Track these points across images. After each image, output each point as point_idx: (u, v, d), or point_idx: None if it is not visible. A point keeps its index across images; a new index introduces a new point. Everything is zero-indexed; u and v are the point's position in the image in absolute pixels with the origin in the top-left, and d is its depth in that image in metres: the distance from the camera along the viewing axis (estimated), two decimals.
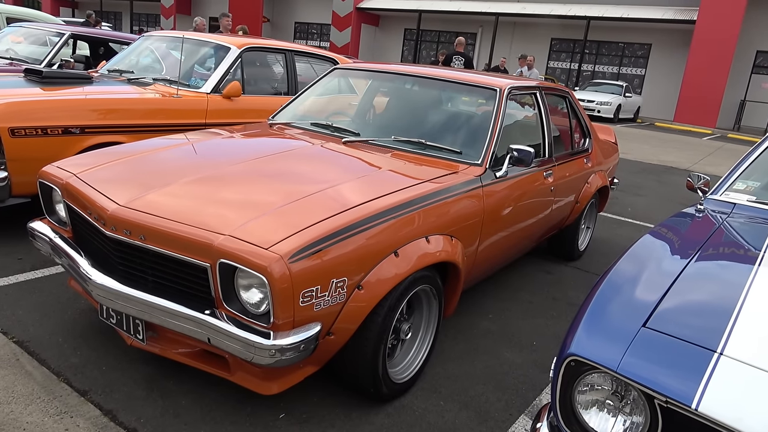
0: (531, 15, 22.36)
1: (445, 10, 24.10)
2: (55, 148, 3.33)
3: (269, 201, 2.07)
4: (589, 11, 21.19)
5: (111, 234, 2.01)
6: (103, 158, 2.51)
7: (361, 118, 3.43)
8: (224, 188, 2.20)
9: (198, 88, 4.18)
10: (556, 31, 23.51)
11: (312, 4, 28.20)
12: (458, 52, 11.19)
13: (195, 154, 2.66)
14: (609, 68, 23.06)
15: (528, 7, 22.62)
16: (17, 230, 3.65)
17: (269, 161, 2.53)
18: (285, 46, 4.88)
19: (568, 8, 21.64)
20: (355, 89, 3.83)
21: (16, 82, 3.79)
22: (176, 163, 2.51)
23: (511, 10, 22.75)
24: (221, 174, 2.33)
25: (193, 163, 2.50)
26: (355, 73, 3.63)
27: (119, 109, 3.63)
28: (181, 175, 2.28)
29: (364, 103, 3.53)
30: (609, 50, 22.98)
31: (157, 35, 5.06)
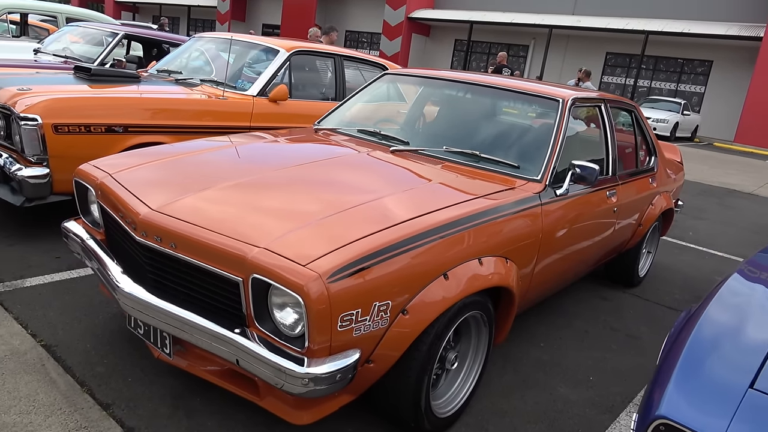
0: (586, 28, 21.76)
1: (498, 21, 23.76)
2: (97, 146, 3.28)
3: (310, 211, 1.90)
4: (647, 25, 20.47)
5: (141, 240, 1.88)
6: (141, 159, 2.41)
7: (410, 126, 3.24)
8: (263, 195, 2.05)
9: (244, 91, 4.09)
10: (611, 44, 22.82)
11: (363, 12, 28.35)
12: (504, 65, 11.88)
13: (236, 157, 2.53)
14: (666, 84, 22.21)
15: (583, 19, 22.04)
16: (57, 227, 3.61)
17: (312, 168, 2.38)
18: (334, 51, 4.76)
19: (626, 22, 20.97)
20: (404, 96, 3.64)
21: (64, 79, 3.79)
22: (215, 166, 2.38)
23: (566, 23, 22.20)
24: (261, 180, 2.18)
25: (233, 168, 2.37)
26: (406, 79, 3.45)
27: (164, 109, 3.57)
28: (219, 180, 2.15)
29: (413, 111, 3.34)
30: (667, 66, 22.14)
31: (208, 36, 5.03)
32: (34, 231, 3.53)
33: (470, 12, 24.63)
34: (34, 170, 3.10)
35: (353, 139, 2.93)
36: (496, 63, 12.90)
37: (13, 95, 3.18)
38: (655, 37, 20.43)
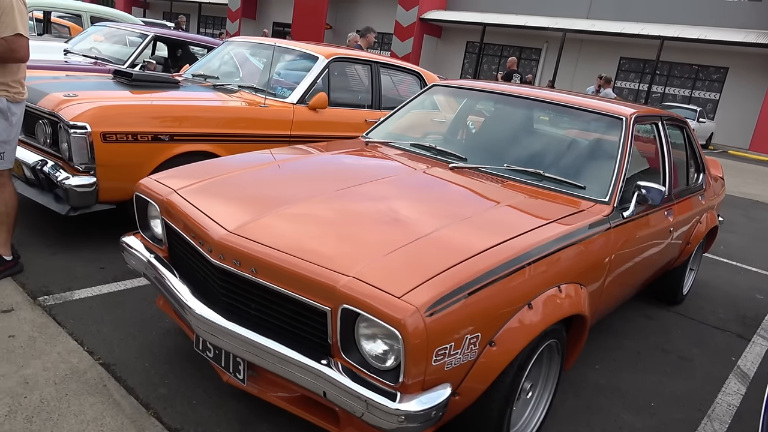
0: (601, 32, 21.64)
1: (511, 24, 23.65)
2: (143, 155, 3.24)
3: (389, 237, 1.85)
4: (663, 31, 20.34)
5: (217, 263, 1.83)
6: (203, 173, 2.36)
7: (463, 140, 3.18)
8: (337, 217, 2.00)
9: (284, 98, 4.04)
10: (625, 49, 22.71)
11: (375, 12, 28.27)
12: (514, 70, 12.12)
13: (298, 173, 2.48)
14: (680, 91, 22.09)
15: (597, 24, 21.94)
16: (99, 236, 3.58)
17: (378, 187, 2.32)
18: (371, 58, 4.71)
19: (641, 27, 20.85)
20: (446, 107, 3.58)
21: (105, 84, 3.74)
22: (281, 182, 2.33)
23: (580, 27, 22.08)
24: (331, 199, 2.13)
25: (298, 184, 2.31)
26: (456, 92, 3.39)
27: (208, 117, 3.52)
28: (288, 198, 2.10)
29: (464, 125, 3.28)
30: (681, 72, 22.01)
31: (241, 41, 4.98)
32: (76, 239, 3.49)
33: (483, 14, 24.54)
34: (81, 179, 3.05)
35: (407, 153, 2.88)
36: (506, 68, 13.00)
37: (60, 102, 3.14)
38: (670, 42, 20.31)
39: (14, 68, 2.80)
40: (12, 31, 2.68)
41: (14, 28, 2.68)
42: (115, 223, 3.62)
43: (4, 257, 2.90)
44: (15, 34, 2.69)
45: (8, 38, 2.68)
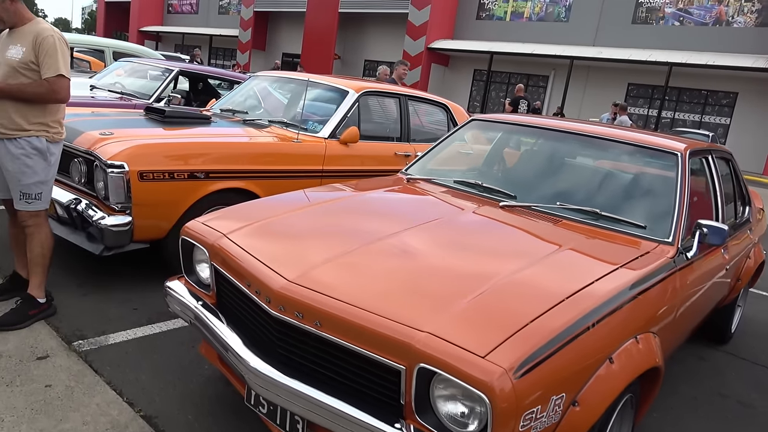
0: (608, 59, 21.77)
1: (518, 52, 23.89)
2: (179, 193, 3.17)
3: (457, 286, 1.76)
4: (671, 57, 20.46)
5: (277, 314, 1.74)
6: (251, 216, 2.28)
7: (509, 176, 3.09)
8: (399, 264, 1.90)
9: (315, 133, 3.99)
10: (633, 76, 22.79)
11: (382, 42, 28.66)
12: (521, 96, 12.35)
13: (349, 215, 2.39)
14: (690, 116, 22.08)
15: (604, 51, 22.08)
16: (131, 276, 3.49)
17: (432, 230, 2.23)
18: (400, 91, 4.67)
19: (648, 53, 20.99)
20: (486, 142, 3.51)
21: (139, 121, 3.71)
22: (333, 226, 2.24)
23: (587, 54, 22.25)
24: (388, 245, 2.03)
25: (352, 228, 2.23)
26: (497, 127, 3.32)
27: (242, 154, 3.47)
28: (345, 244, 2.01)
29: (507, 160, 3.20)
30: (690, 98, 22.04)
31: (267, 75, 4.97)
32: (107, 279, 3.41)
33: (490, 43, 24.79)
34: (117, 219, 2.98)
35: (452, 191, 2.79)
36: (510, 98, 13.23)
37: (96, 140, 3.09)
38: (678, 68, 20.38)
39: (54, 108, 2.77)
40: (54, 72, 2.64)
41: (57, 69, 2.65)
42: (146, 262, 3.55)
43: (38, 300, 2.82)
44: (57, 75, 2.65)
45: (50, 79, 2.64)
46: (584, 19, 23.11)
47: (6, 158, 2.71)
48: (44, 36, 2.66)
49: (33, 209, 2.76)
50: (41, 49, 2.65)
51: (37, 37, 2.66)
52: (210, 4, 35.91)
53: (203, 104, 6.56)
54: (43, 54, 2.64)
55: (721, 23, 20.82)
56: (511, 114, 11.96)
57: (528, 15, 24.93)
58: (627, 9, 22.34)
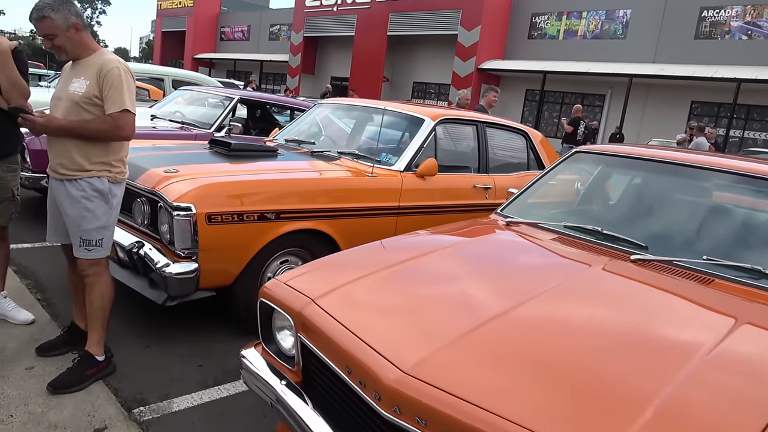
0: (669, 77, 20.83)
1: (573, 71, 23.20)
2: (249, 236, 2.87)
3: (633, 386, 1.34)
4: (738, 73, 19.36)
5: (390, 417, 1.36)
6: (340, 273, 1.93)
7: (632, 221, 2.62)
8: (546, 352, 1.48)
9: (390, 166, 3.65)
10: (697, 93, 21.72)
11: (431, 64, 28.49)
12: (579, 117, 12.29)
13: (456, 273, 2.01)
14: (762, 135, 20.81)
15: (666, 68, 21.15)
16: (194, 326, 3.21)
17: (564, 297, 1.81)
18: (477, 117, 4.30)
19: (714, 70, 19.94)
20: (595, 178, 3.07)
21: (203, 156, 3.46)
22: (440, 288, 1.86)
23: (647, 71, 21.36)
24: (522, 320, 1.63)
25: (464, 293, 1.84)
26: (608, 160, 2.88)
27: (315, 191, 3.15)
28: (463, 316, 1.62)
29: (627, 200, 2.75)
30: (762, 115, 20.79)
31: (333, 103, 4.69)
32: (169, 329, 3.13)
33: (543, 62, 24.21)
34: (182, 266, 2.70)
35: (565, 239, 2.37)
36: (570, 116, 12.73)
37: (160, 179, 2.84)
38: (747, 84, 19.26)
39: (117, 146, 2.52)
40: (119, 107, 2.40)
41: (122, 103, 2.40)
42: (210, 310, 3.27)
43: (97, 357, 2.54)
44: (122, 110, 2.40)
45: (115, 115, 2.40)
46: (643, 35, 22.27)
47: (65, 201, 2.47)
48: (109, 68, 2.42)
49: (93, 257, 2.50)
50: (106, 82, 2.41)
51: (102, 69, 2.42)
52: (261, 30, 36.78)
53: (262, 132, 6.38)
54: (108, 87, 2.41)
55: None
56: (566, 133, 11.12)
57: (582, 33, 24.26)
58: (689, 24, 21.38)
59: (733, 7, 20.66)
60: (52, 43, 2.43)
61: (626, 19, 23.00)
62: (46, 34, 2.40)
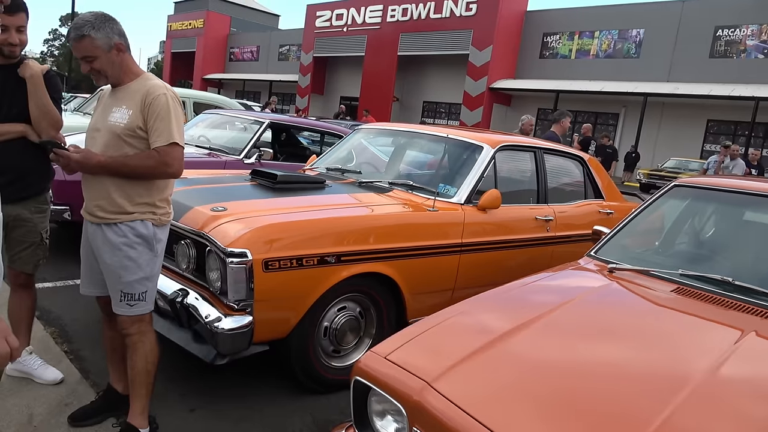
0: (686, 95, 20.57)
1: (586, 90, 22.98)
2: (308, 283, 2.54)
3: None
4: (756, 91, 19.09)
5: None
6: (450, 345, 1.59)
7: (757, 267, 2.28)
8: None
9: (449, 198, 3.32)
10: (713, 111, 21.45)
11: (442, 84, 28.38)
12: (590, 136, 12.17)
13: (579, 342, 1.67)
14: None
15: (681, 86, 20.90)
16: (242, 381, 2.85)
17: (732, 381, 1.47)
18: (536, 144, 3.98)
19: (731, 88, 19.68)
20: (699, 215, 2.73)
21: (248, 190, 3.14)
22: (580, 364, 1.52)
23: (662, 90, 21.12)
24: (684, 413, 1.29)
25: (596, 368, 1.49)
26: (713, 196, 2.53)
27: (377, 229, 2.82)
28: (614, 406, 1.28)
29: (747, 241, 2.40)
30: None
31: (374, 127, 4.39)
32: (215, 387, 2.78)
33: (555, 81, 24.04)
34: (236, 320, 2.36)
35: (687, 290, 2.02)
36: (581, 135, 12.50)
37: (208, 219, 2.51)
38: (765, 103, 18.96)
39: (162, 185, 2.20)
40: (166, 140, 2.08)
41: (169, 136, 2.09)
42: (260, 363, 2.92)
43: (141, 430, 2.19)
44: (170, 144, 2.09)
45: (162, 149, 2.08)
46: (657, 54, 22.09)
47: (104, 248, 2.14)
48: (155, 95, 2.11)
49: (136, 313, 2.17)
50: (151, 112, 2.10)
51: (147, 97, 2.11)
52: (270, 51, 36.89)
53: (290, 158, 6.08)
54: (154, 117, 2.09)
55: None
56: None
57: (595, 52, 24.11)
58: (704, 43, 21.18)
59: (749, 26, 20.46)
60: (90, 66, 2.11)
61: (639, 38, 22.84)
62: (85, 56, 2.09)
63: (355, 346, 2.90)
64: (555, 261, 3.77)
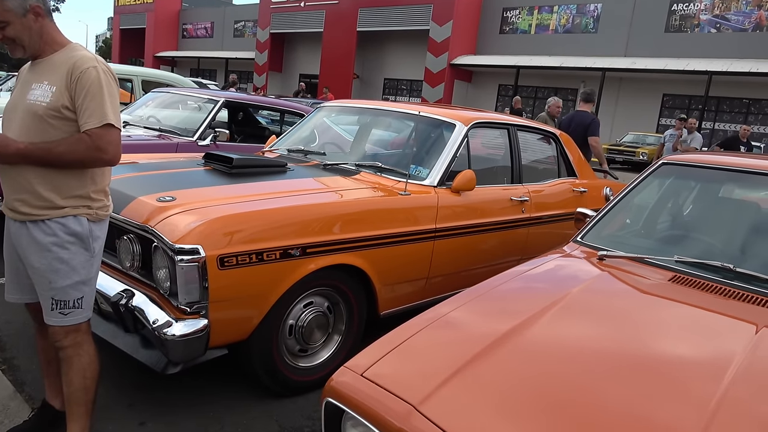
0: (642, 70, 20.84)
1: (546, 65, 23.02)
2: (270, 279, 2.28)
3: None
4: (709, 66, 19.49)
5: None
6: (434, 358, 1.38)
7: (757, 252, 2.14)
8: None
9: (421, 180, 3.10)
10: (668, 86, 21.84)
11: (402, 60, 28.00)
12: (520, 108, 12.17)
13: (587, 346, 1.48)
14: (731, 126, 21.01)
15: (638, 61, 21.16)
16: (198, 387, 2.59)
17: None
18: (509, 120, 3.78)
19: (686, 62, 20.04)
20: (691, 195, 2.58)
21: (200, 176, 2.84)
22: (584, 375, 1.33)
23: (620, 65, 21.33)
24: None
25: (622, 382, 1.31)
26: (705, 174, 2.38)
27: (346, 217, 2.57)
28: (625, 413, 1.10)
29: (743, 224, 2.26)
30: (731, 107, 21.01)
31: (339, 105, 4.11)
32: (168, 394, 2.51)
33: (515, 57, 23.99)
34: (188, 325, 2.09)
35: (688, 279, 1.86)
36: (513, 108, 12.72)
37: (154, 211, 2.22)
38: (718, 77, 19.38)
39: (98, 174, 1.90)
40: (99, 120, 1.78)
41: (102, 116, 1.78)
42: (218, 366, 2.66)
43: None
44: (103, 125, 1.78)
45: (94, 132, 1.77)
46: (614, 29, 22.26)
47: (30, 249, 1.83)
48: (84, 68, 1.79)
49: (71, 322, 1.88)
50: (80, 88, 1.78)
51: (74, 71, 1.79)
52: (225, 27, 35.59)
53: (248, 138, 5.73)
54: (83, 95, 1.78)
55: (762, 28, 19.82)
56: None
57: (554, 27, 24.14)
58: (659, 18, 21.45)
59: (702, 1, 20.78)
60: (2, 34, 1.78)
61: (597, 13, 22.94)
62: None
63: (324, 344, 2.67)
64: (531, 243, 3.63)
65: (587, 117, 5.86)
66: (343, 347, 2.69)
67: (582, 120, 5.80)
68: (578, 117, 5.91)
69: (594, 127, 5.73)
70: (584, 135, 5.67)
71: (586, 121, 5.76)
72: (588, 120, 5.78)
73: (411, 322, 1.58)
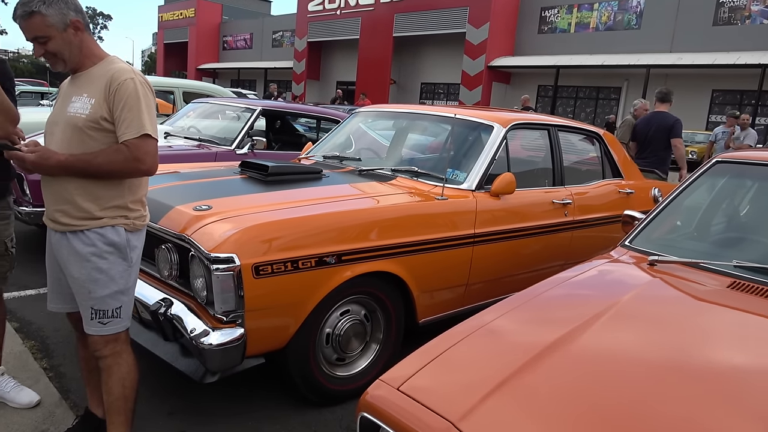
0: (690, 66, 20.09)
1: (587, 64, 22.49)
2: (306, 287, 2.25)
3: None
4: (763, 58, 18.62)
5: None
6: (475, 369, 1.31)
7: None
8: None
9: (458, 184, 3.02)
10: (717, 81, 20.98)
11: (439, 64, 27.88)
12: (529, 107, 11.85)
13: (643, 362, 1.38)
14: None
15: (685, 57, 20.42)
16: (238, 396, 2.59)
17: None
18: (550, 121, 3.66)
19: (737, 56, 19.20)
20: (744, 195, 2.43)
21: (237, 184, 2.84)
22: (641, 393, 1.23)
23: (665, 61, 20.64)
24: None
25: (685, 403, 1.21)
26: (761, 172, 2.23)
27: (383, 223, 2.52)
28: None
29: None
30: None
31: (374, 110, 4.08)
32: (207, 403, 2.51)
33: (555, 57, 23.54)
34: (224, 334, 2.08)
35: (749, 286, 1.73)
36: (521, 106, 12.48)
37: (190, 220, 2.22)
38: None
39: (135, 184, 1.91)
40: (137, 131, 1.79)
41: (140, 127, 1.79)
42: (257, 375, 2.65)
43: None
44: (141, 136, 1.79)
45: (131, 142, 1.78)
46: (658, 24, 21.57)
47: (70, 260, 1.86)
48: (121, 80, 1.81)
49: (110, 332, 1.89)
50: (117, 100, 1.80)
51: (112, 83, 1.81)
52: (263, 38, 36.28)
53: (285, 146, 5.78)
54: (121, 106, 1.79)
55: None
56: None
57: (594, 25, 23.57)
58: (706, 11, 20.65)
59: None
60: (44, 50, 1.81)
61: (640, 8, 22.27)
62: (35, 36, 1.78)
63: (362, 353, 2.62)
64: (575, 247, 3.50)
65: (668, 118, 5.53)
66: (381, 356, 2.64)
67: (663, 121, 5.46)
68: (657, 118, 5.55)
69: (678, 128, 5.42)
70: (667, 137, 5.37)
71: (668, 122, 5.43)
72: (670, 121, 5.47)
73: (451, 331, 1.51)
